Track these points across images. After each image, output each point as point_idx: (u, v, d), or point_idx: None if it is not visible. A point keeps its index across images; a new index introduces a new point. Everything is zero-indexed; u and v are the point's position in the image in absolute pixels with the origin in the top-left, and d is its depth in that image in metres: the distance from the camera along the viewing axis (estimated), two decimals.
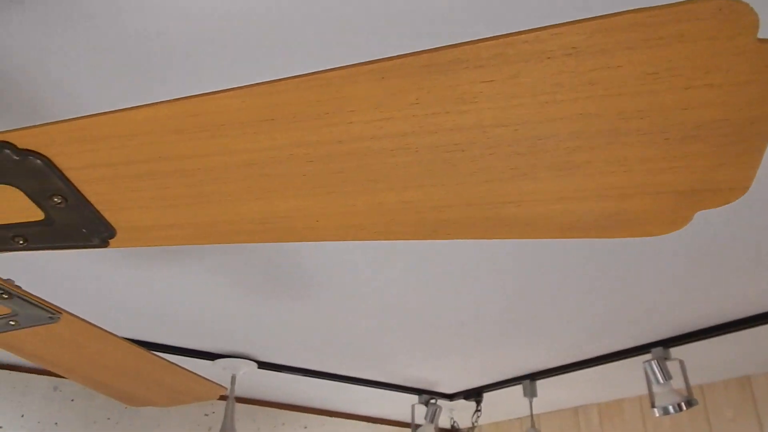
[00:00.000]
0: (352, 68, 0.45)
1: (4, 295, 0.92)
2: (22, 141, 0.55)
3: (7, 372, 2.60)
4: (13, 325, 1.02)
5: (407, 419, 2.86)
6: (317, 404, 3.17)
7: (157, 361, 1.21)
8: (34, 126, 0.53)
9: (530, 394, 2.43)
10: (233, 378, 2.40)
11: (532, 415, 2.39)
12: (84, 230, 0.66)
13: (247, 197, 0.57)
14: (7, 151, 0.56)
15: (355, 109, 0.47)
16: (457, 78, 0.44)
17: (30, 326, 1.03)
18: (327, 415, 3.25)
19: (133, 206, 0.61)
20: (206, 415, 2.95)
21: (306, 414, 3.20)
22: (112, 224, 0.64)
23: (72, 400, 2.68)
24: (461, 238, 0.59)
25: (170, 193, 0.58)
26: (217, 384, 1.39)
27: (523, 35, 0.40)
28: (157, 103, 0.49)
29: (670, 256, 1.56)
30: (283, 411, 3.15)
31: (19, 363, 2.59)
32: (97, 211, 0.62)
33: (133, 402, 1.51)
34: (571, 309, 1.89)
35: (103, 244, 0.68)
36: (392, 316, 1.99)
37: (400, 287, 1.77)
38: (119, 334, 1.13)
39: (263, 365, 2.47)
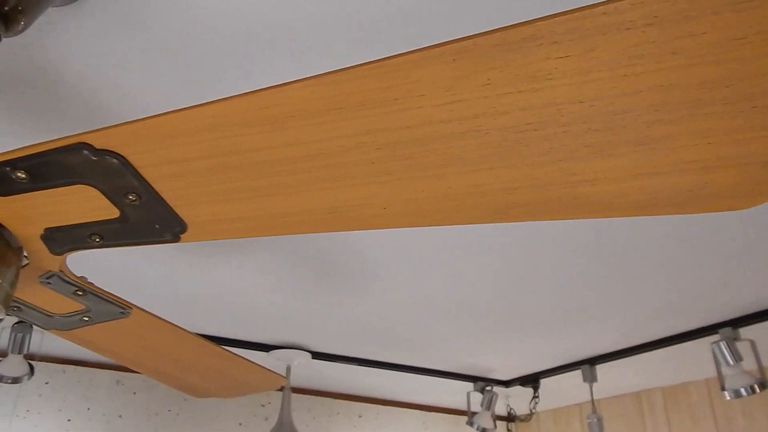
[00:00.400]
0: (421, 52, 0.44)
1: (78, 293, 0.95)
2: (99, 141, 0.56)
3: (73, 367, 2.70)
4: (86, 321, 1.05)
5: (463, 407, 2.85)
6: (372, 393, 3.19)
7: (221, 353, 1.23)
8: (111, 126, 0.55)
9: (590, 379, 2.38)
10: (288, 369, 2.44)
11: (593, 400, 2.35)
12: (157, 226, 0.67)
13: (315, 187, 0.57)
14: (86, 152, 0.58)
15: (424, 94, 0.47)
16: (530, 55, 0.43)
17: (102, 321, 1.06)
18: (382, 404, 3.27)
19: (204, 201, 0.62)
20: (262, 405, 3.01)
21: (361, 403, 3.23)
22: (184, 219, 0.66)
23: (134, 393, 2.78)
24: (531, 220, 0.58)
25: (237, 187, 0.59)
26: (278, 374, 1.42)
27: (600, 7, 0.39)
28: (227, 98, 0.50)
29: (737, 231, 1.50)
30: (337, 400, 3.19)
31: (84, 358, 2.69)
32: (170, 207, 0.64)
33: (197, 393, 1.55)
34: (633, 289, 1.84)
35: (175, 239, 0.69)
36: (445, 304, 1.98)
37: (453, 274, 1.76)
38: None
39: (317, 355, 2.50)
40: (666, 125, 0.45)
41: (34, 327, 2.13)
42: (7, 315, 0.85)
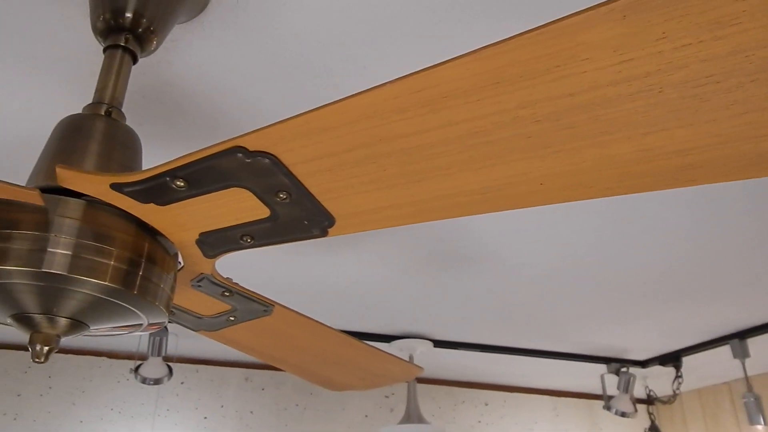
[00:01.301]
0: (587, 12, 0.42)
1: (226, 294, 0.99)
2: (252, 144, 0.58)
3: (204, 366, 2.87)
4: (232, 320, 1.09)
5: (596, 391, 2.73)
6: (497, 380, 3.15)
7: (359, 345, 1.25)
8: (264, 128, 0.56)
9: (741, 354, 2.21)
10: (411, 358, 2.46)
11: (746, 378, 2.17)
12: (306, 222, 0.69)
13: (467, 168, 0.56)
14: (240, 155, 0.59)
15: (589, 57, 0.44)
16: (714, 0, 0.39)
17: (246, 320, 1.10)
18: (508, 390, 3.22)
19: (354, 192, 0.62)
20: (386, 396, 3.05)
21: (486, 391, 3.20)
22: (332, 213, 0.66)
23: (263, 389, 2.90)
24: (706, 183, 0.53)
25: (388, 174, 0.59)
26: (414, 365, 1.42)
27: None
28: (379, 85, 0.50)
29: None
30: (462, 389, 3.17)
31: (214, 357, 2.84)
32: (319, 202, 0.65)
33: (333, 387, 1.59)
34: None
35: (323, 233, 0.70)
36: (570, 281, 1.91)
37: (577, 248, 1.69)
38: None
39: (439, 344, 2.49)
40: None
41: (169, 329, 2.27)
42: None
